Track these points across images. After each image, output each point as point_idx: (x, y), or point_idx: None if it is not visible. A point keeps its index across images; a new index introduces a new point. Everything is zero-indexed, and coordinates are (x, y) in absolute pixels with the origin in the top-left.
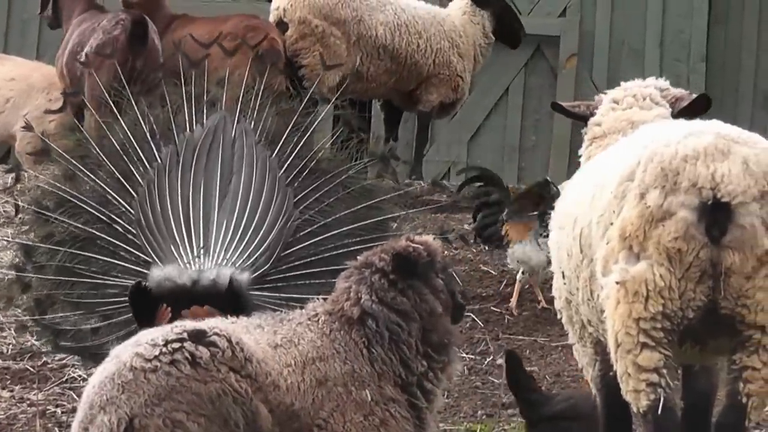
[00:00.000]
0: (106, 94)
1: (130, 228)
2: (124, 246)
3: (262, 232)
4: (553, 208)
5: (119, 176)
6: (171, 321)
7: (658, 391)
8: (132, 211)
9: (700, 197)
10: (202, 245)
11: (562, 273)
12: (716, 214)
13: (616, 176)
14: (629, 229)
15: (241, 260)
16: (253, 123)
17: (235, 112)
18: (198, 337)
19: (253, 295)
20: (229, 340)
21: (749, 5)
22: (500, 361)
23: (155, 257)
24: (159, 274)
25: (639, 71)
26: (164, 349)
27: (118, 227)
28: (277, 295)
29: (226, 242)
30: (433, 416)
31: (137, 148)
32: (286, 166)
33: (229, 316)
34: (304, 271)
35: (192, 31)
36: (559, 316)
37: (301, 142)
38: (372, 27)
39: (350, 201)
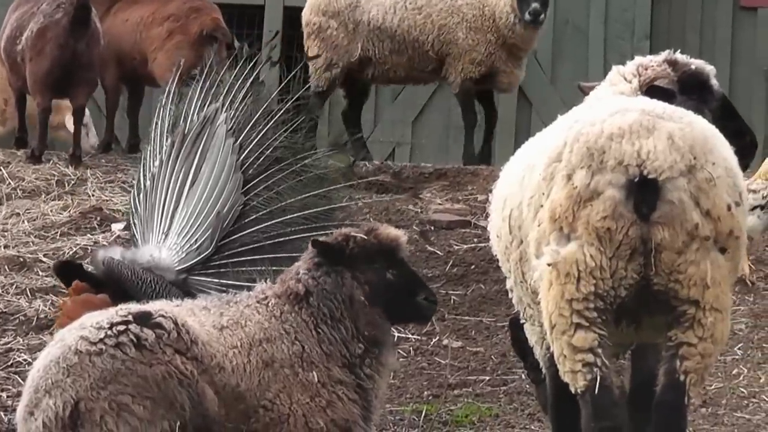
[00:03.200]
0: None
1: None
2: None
3: (210, 217)
4: None
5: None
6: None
7: (594, 370)
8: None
9: (626, 175)
10: (165, 230)
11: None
12: (644, 191)
13: (544, 157)
14: (558, 210)
15: (189, 245)
16: (233, 111)
17: (226, 102)
18: (143, 319)
19: (196, 279)
20: (175, 322)
21: None
22: (446, 341)
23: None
24: (102, 255)
25: (583, 50)
26: (109, 332)
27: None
28: (217, 280)
29: (180, 227)
30: (380, 400)
31: (157, 142)
32: (246, 152)
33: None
34: (244, 258)
35: (134, 13)
36: (510, 296)
37: (264, 130)
38: (366, 10)
39: (300, 189)
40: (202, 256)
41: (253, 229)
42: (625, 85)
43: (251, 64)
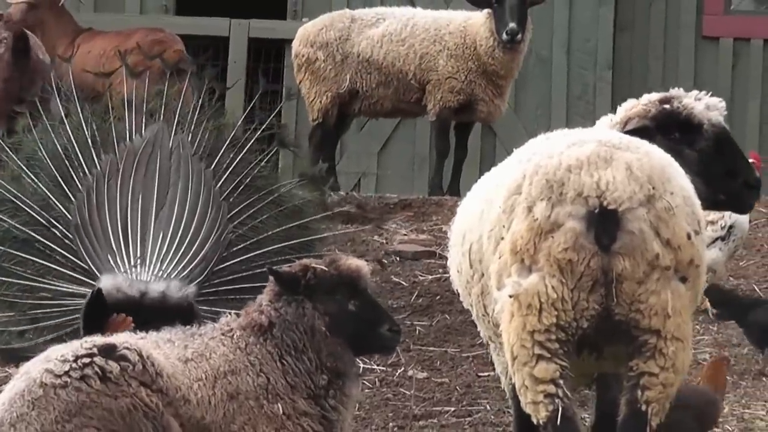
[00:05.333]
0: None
1: (67, 232)
2: (60, 250)
3: (197, 244)
4: None
5: (60, 180)
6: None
7: (556, 401)
8: (70, 215)
9: (586, 206)
10: (138, 255)
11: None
12: (604, 222)
13: (503, 190)
14: (519, 242)
15: (177, 272)
16: (190, 135)
17: (173, 123)
18: (108, 351)
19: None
20: (140, 354)
21: (654, 12)
22: (411, 372)
23: (91, 264)
24: (110, 283)
25: (547, 80)
26: (74, 365)
27: (56, 231)
28: (209, 308)
29: (162, 253)
30: None
31: (78, 153)
32: (222, 180)
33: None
34: (234, 287)
35: (97, 45)
36: (478, 327)
37: (237, 158)
38: (356, 43)
39: (282, 219)
40: (194, 283)
41: (243, 257)
42: (607, 119)
43: (184, 85)
